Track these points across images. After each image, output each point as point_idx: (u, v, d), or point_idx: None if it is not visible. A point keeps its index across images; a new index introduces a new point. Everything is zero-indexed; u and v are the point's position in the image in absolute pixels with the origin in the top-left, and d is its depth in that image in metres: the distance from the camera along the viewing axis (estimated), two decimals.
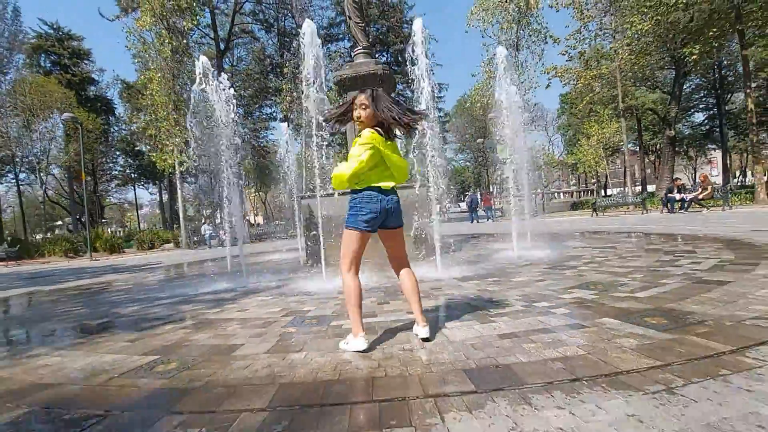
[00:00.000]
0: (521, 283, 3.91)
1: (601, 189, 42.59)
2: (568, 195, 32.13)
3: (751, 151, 17.21)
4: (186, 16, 19.59)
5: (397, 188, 2.35)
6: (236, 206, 6.71)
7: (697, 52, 15.61)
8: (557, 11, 20.12)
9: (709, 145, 38.57)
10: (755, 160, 16.33)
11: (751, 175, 33.58)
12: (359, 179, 2.22)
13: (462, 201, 40.82)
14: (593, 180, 44.81)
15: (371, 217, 2.20)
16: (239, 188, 6.94)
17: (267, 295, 4.34)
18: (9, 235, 25.92)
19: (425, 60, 5.03)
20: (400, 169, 2.28)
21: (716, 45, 16.78)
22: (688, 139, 36.76)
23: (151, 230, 28.34)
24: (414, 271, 2.41)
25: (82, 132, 18.78)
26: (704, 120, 35.73)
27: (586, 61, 20.78)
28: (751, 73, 19.51)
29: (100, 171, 36.72)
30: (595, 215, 17.23)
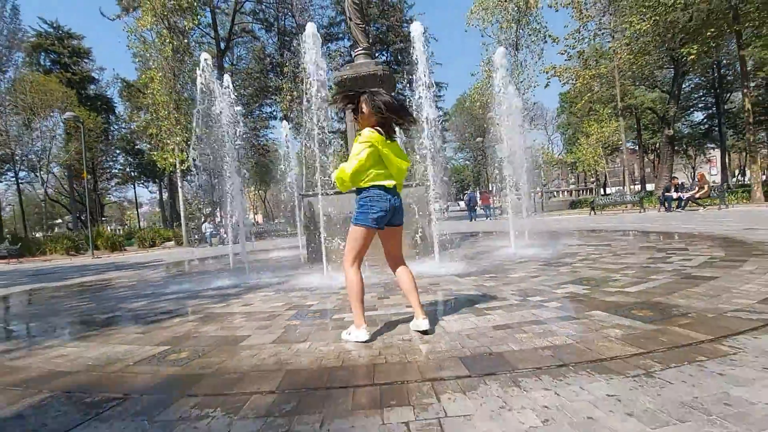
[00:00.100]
0: (517, 278, 4.03)
1: (601, 188, 42.73)
2: (567, 194, 32.22)
3: (748, 150, 17.33)
4: (187, 15, 19.67)
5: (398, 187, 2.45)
6: (238, 204, 6.82)
7: (695, 52, 15.72)
8: (556, 11, 20.22)
9: (708, 144, 38.72)
10: (752, 159, 16.47)
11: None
12: (361, 177, 2.31)
13: (461, 199, 40.97)
14: (592, 179, 44.91)
15: (381, 215, 2.30)
16: (241, 187, 7.06)
17: (270, 291, 4.46)
18: (8, 233, 26.01)
19: (425, 74, 5.17)
20: (399, 170, 2.37)
21: (714, 45, 16.90)
22: (687, 138, 36.89)
23: (152, 228, 28.46)
24: (413, 267, 2.53)
25: (84, 131, 18.85)
26: (703, 119, 35.89)
27: (585, 60, 20.88)
28: (750, 72, 19.65)
29: (100, 169, 36.83)
30: (593, 214, 17.36)
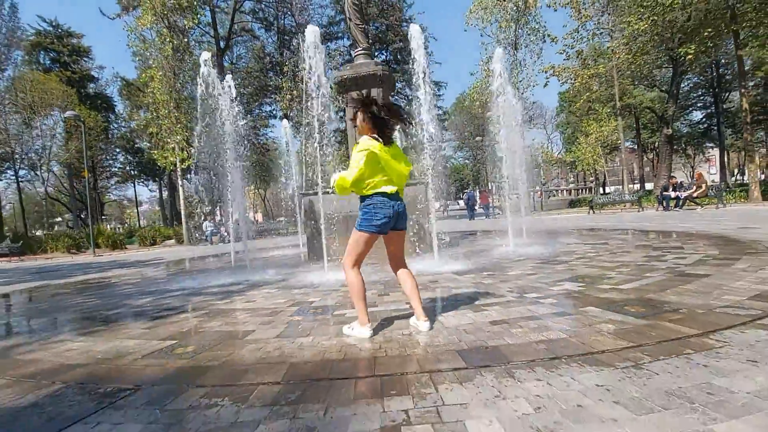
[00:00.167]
0: (514, 276, 4.11)
1: (600, 187, 42.86)
2: (566, 193, 32.35)
3: (745, 149, 17.42)
4: (187, 14, 19.70)
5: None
6: (240, 203, 6.90)
7: (692, 51, 15.78)
8: (555, 10, 20.27)
9: (707, 143, 38.79)
10: (749, 158, 16.55)
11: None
12: (362, 185, 2.37)
13: (461, 198, 41.06)
14: (591, 178, 45.04)
15: (385, 221, 2.37)
16: (242, 186, 7.13)
17: (272, 288, 4.54)
18: (9, 231, 26.05)
19: (423, 79, 5.26)
20: (400, 175, 2.42)
21: (712, 45, 16.96)
22: (686, 137, 36.96)
23: (153, 227, 28.52)
24: (413, 265, 2.61)
25: (84, 130, 18.88)
26: (702, 118, 35.97)
27: (583, 60, 20.95)
28: (748, 72, 19.72)
29: (99, 168, 36.85)
30: (591, 213, 17.44)
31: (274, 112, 30.48)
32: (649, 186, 31.31)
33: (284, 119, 16.79)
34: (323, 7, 29.02)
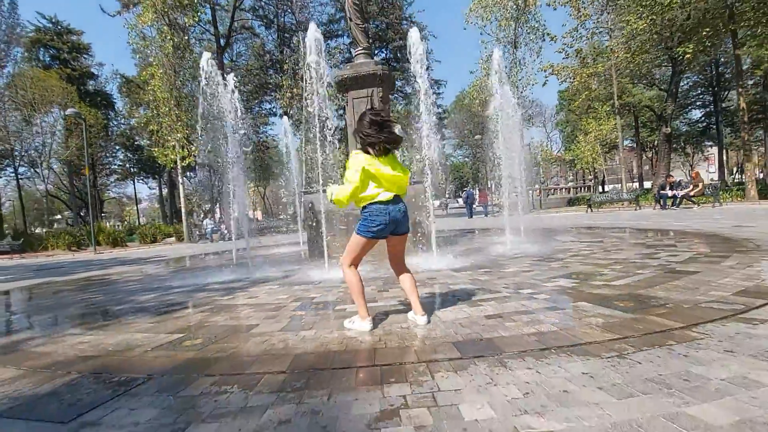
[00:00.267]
0: (510, 273, 4.22)
1: (599, 185, 42.94)
2: (565, 191, 32.43)
3: (743, 148, 17.53)
4: (187, 12, 19.74)
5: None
6: (241, 201, 7.00)
7: (691, 50, 15.87)
8: (555, 9, 20.34)
9: (706, 142, 38.94)
10: (747, 157, 16.67)
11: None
12: (360, 199, 2.47)
13: (460, 197, 41.17)
14: (590, 176, 45.13)
15: (381, 227, 2.46)
16: (243, 184, 7.23)
17: (274, 285, 4.65)
18: (8, 229, 26.14)
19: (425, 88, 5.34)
20: (394, 184, 2.47)
21: (710, 44, 17.04)
22: (684, 135, 37.10)
23: (153, 224, 28.61)
24: (412, 261, 2.72)
25: (85, 127, 18.95)
26: (701, 117, 36.10)
27: (582, 58, 21.02)
28: (747, 70, 19.80)
29: (99, 165, 36.89)
30: (589, 211, 17.57)
31: (274, 109, 30.55)
32: (647, 184, 31.45)
33: (284, 116, 16.85)
34: (323, 4, 28.99)
